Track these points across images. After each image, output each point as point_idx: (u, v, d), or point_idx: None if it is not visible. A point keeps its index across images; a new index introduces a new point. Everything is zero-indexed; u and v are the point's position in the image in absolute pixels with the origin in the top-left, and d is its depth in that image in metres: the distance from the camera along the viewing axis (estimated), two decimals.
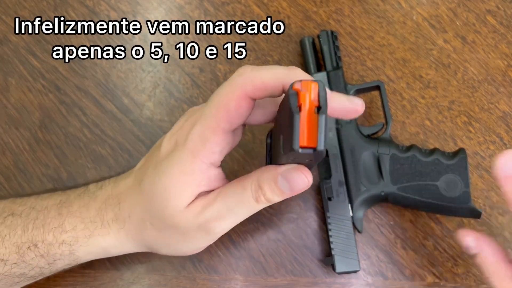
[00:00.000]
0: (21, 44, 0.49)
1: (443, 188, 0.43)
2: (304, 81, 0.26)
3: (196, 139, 0.31)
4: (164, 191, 0.32)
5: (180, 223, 0.32)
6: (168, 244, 0.35)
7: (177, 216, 0.32)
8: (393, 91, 0.49)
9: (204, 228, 0.32)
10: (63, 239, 0.35)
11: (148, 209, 0.34)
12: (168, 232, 0.34)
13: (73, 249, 0.35)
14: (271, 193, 0.30)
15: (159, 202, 0.33)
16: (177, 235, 0.34)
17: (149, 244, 0.36)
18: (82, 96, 0.48)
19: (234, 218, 0.32)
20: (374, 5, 0.51)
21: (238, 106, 0.30)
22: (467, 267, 0.45)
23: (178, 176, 0.32)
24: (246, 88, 0.29)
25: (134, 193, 0.35)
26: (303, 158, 0.27)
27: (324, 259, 0.44)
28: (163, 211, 0.33)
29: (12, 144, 0.47)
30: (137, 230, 0.35)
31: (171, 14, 0.51)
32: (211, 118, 0.31)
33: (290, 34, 0.50)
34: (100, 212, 0.35)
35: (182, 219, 0.32)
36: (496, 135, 0.48)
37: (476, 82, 0.49)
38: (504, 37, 0.51)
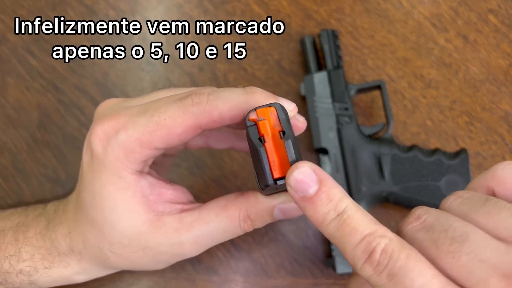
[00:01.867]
0: (19, 43, 0.49)
1: (444, 189, 0.42)
2: (259, 108, 0.24)
3: (118, 151, 0.27)
4: (112, 213, 0.29)
5: (148, 243, 0.29)
6: (136, 267, 0.33)
7: (143, 236, 0.29)
8: (394, 91, 0.49)
9: (179, 250, 0.30)
10: (20, 268, 0.32)
11: (102, 238, 0.30)
12: (135, 256, 0.30)
13: (33, 279, 0.33)
14: (262, 223, 0.30)
15: (113, 227, 0.29)
16: (145, 258, 0.30)
17: (112, 267, 0.33)
18: (81, 95, 0.48)
19: (211, 243, 0.31)
20: (375, 4, 0.51)
21: (183, 133, 0.27)
22: None
23: (116, 193, 0.28)
24: (200, 120, 0.26)
25: (80, 221, 0.31)
26: (283, 187, 0.25)
27: (324, 260, 0.44)
28: (123, 234, 0.29)
29: (10, 143, 0.47)
30: (98, 260, 0.32)
31: (171, 13, 0.50)
32: (143, 132, 0.27)
33: (290, 33, 0.50)
34: (54, 243, 0.32)
35: (151, 239, 0.29)
36: (498, 135, 0.48)
37: (477, 81, 0.49)
38: (505, 36, 0.50)
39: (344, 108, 0.45)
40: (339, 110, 0.45)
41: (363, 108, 0.48)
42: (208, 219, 0.29)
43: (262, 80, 0.48)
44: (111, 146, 0.27)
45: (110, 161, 0.27)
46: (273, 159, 0.24)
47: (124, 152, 0.27)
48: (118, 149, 0.27)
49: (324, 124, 0.44)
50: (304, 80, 0.46)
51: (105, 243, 0.30)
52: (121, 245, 0.30)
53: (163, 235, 0.29)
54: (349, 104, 0.45)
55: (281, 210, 0.28)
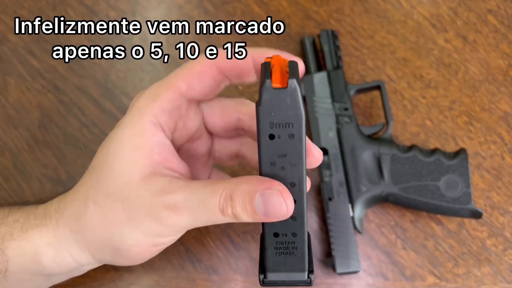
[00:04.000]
0: (20, 43, 0.49)
1: (443, 188, 0.43)
2: (275, 55, 0.26)
3: (146, 96, 0.29)
4: (115, 158, 0.28)
5: (130, 197, 0.28)
6: (108, 233, 0.29)
7: (128, 187, 0.28)
8: (393, 91, 0.49)
9: (155, 214, 0.27)
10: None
11: (95, 183, 0.29)
12: (114, 210, 0.28)
13: (5, 244, 0.31)
14: (242, 210, 0.26)
15: (109, 171, 0.29)
16: (123, 215, 0.28)
17: (85, 236, 0.30)
18: (81, 95, 0.48)
19: (191, 219, 0.27)
20: (375, 4, 0.51)
21: (202, 70, 0.28)
22: (468, 268, 0.44)
23: (127, 138, 0.28)
24: (218, 60, 0.29)
25: (85, 174, 0.31)
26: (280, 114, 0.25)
27: (324, 259, 0.44)
28: (113, 181, 0.28)
29: (11, 144, 0.47)
30: (77, 215, 0.30)
31: (171, 13, 0.50)
32: (168, 77, 0.29)
33: (290, 33, 0.50)
34: (47, 205, 0.32)
35: (133, 192, 0.28)
36: (497, 135, 0.48)
37: (477, 81, 0.49)
38: (505, 36, 0.51)
39: (343, 108, 0.45)
40: (339, 110, 0.45)
41: (362, 108, 0.48)
42: (193, 188, 0.27)
43: None
44: (143, 94, 0.29)
45: (137, 106, 0.29)
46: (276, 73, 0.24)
47: (152, 96, 0.29)
48: (147, 94, 0.29)
49: (324, 124, 0.45)
50: (304, 80, 0.46)
51: (94, 190, 0.29)
52: (106, 194, 0.29)
53: (147, 190, 0.28)
54: (348, 104, 0.45)
55: (263, 196, 0.25)
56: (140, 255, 0.30)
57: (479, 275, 0.44)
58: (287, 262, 0.28)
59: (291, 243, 0.28)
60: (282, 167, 0.26)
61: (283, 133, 0.25)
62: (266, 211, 0.25)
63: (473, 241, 0.45)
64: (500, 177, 0.47)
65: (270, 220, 0.26)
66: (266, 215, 0.25)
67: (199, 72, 0.29)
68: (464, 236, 0.45)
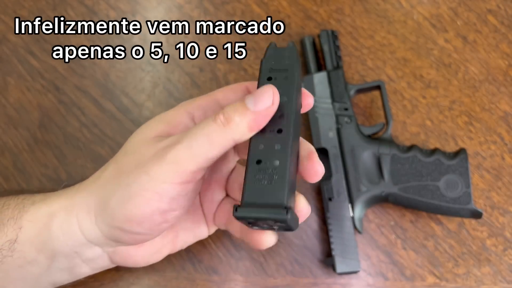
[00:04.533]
0: (20, 43, 0.49)
1: (443, 188, 0.43)
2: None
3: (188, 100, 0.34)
4: (143, 127, 0.33)
5: (140, 149, 0.30)
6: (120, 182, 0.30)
7: (140, 143, 0.31)
8: (393, 91, 0.49)
9: (158, 154, 0.29)
10: (23, 201, 0.32)
11: (120, 150, 0.32)
12: (126, 162, 0.31)
13: (24, 209, 0.32)
14: (233, 110, 0.27)
15: (132, 137, 0.32)
16: (132, 164, 0.30)
17: (99, 192, 0.31)
18: (81, 96, 0.48)
19: (189, 141, 0.28)
20: (375, 4, 0.51)
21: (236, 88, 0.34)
22: (468, 268, 0.44)
23: (161, 116, 0.33)
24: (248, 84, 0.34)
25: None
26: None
27: (324, 259, 0.44)
28: (131, 141, 0.32)
29: (11, 144, 0.47)
30: (96, 177, 0.32)
31: (171, 13, 0.50)
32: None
33: (290, 33, 0.50)
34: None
35: (144, 145, 0.31)
36: (497, 135, 0.48)
37: (477, 82, 0.49)
38: (505, 36, 0.51)
39: (343, 108, 0.45)
40: (339, 110, 0.45)
41: (362, 108, 0.48)
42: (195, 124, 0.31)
43: None
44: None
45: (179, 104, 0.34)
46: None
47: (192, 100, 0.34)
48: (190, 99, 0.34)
49: (324, 124, 0.45)
50: (304, 80, 0.46)
51: (116, 155, 0.32)
52: (124, 153, 0.32)
53: (155, 141, 0.30)
54: (348, 104, 0.45)
55: (253, 94, 0.28)
56: (143, 210, 0.29)
57: (479, 275, 0.44)
58: (265, 193, 0.27)
59: (272, 172, 0.27)
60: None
61: (279, 76, 0.30)
62: (255, 100, 0.27)
63: (473, 241, 0.45)
64: (500, 177, 0.47)
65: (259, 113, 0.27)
66: (255, 104, 0.27)
67: (233, 88, 0.33)
68: (464, 236, 0.45)
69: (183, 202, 0.30)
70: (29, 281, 0.33)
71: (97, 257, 0.33)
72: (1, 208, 0.32)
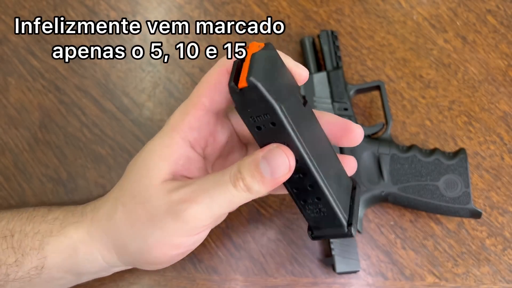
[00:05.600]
0: (20, 44, 0.49)
1: (443, 188, 0.43)
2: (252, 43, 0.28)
3: (177, 114, 0.31)
4: (142, 164, 0.31)
5: (151, 198, 0.30)
6: (131, 233, 0.31)
7: (149, 189, 0.30)
8: (393, 91, 0.49)
9: (173, 210, 0.29)
10: (39, 229, 0.34)
11: (123, 186, 0.32)
12: (137, 211, 0.31)
13: (44, 241, 0.33)
14: (251, 178, 0.27)
15: (135, 175, 0.31)
16: (144, 215, 0.30)
17: (113, 237, 0.32)
18: (82, 96, 0.48)
19: (209, 203, 0.28)
20: (374, 4, 0.51)
21: (218, 80, 0.29)
22: (467, 267, 0.45)
23: (156, 148, 0.31)
24: (227, 64, 0.29)
25: (120, 179, 0.34)
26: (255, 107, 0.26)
27: (324, 259, 0.44)
28: (137, 184, 0.31)
29: (12, 144, 0.47)
30: (108, 216, 0.32)
31: (171, 13, 0.50)
32: (192, 95, 0.31)
33: (290, 34, 0.50)
34: (86, 205, 0.35)
35: (154, 193, 0.30)
36: (497, 135, 0.48)
37: (476, 82, 0.49)
38: (504, 37, 0.51)
39: (343, 108, 0.45)
40: (339, 110, 0.45)
41: (362, 108, 0.49)
42: (205, 177, 0.30)
43: None
44: (175, 112, 0.31)
45: (169, 123, 0.31)
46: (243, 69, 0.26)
47: (181, 114, 0.30)
48: (178, 111, 0.31)
49: None
50: None
51: (121, 192, 0.32)
52: (131, 197, 0.31)
53: (165, 190, 0.30)
54: (348, 104, 0.45)
55: (265, 157, 0.27)
56: (161, 258, 0.31)
57: (479, 275, 0.44)
58: (323, 221, 0.30)
59: (319, 206, 0.30)
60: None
61: (266, 123, 0.27)
62: (271, 169, 0.27)
63: (473, 240, 0.45)
64: (499, 177, 0.47)
65: (278, 179, 0.27)
66: (272, 174, 0.27)
67: (215, 83, 0.30)
68: (464, 236, 0.45)
69: (199, 243, 0.32)
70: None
71: (118, 267, 0.36)
72: (19, 236, 0.34)
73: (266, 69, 0.26)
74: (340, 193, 0.30)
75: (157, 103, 0.48)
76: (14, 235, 0.34)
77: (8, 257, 0.33)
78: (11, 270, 0.33)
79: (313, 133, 0.29)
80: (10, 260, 0.33)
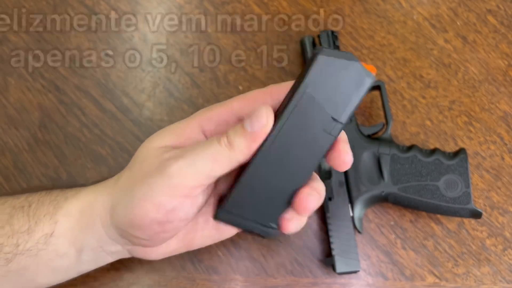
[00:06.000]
0: (20, 43, 0.49)
1: (443, 188, 0.43)
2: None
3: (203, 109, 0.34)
4: (153, 137, 0.33)
5: (147, 158, 0.32)
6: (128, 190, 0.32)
7: (149, 151, 0.32)
8: (393, 91, 0.49)
9: (161, 166, 0.30)
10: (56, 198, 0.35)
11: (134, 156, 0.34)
12: (135, 171, 0.32)
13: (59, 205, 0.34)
14: (233, 132, 0.29)
15: (144, 144, 0.33)
16: (139, 174, 0.32)
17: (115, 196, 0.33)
18: (82, 96, 0.48)
19: (193, 158, 0.29)
20: (375, 4, 0.51)
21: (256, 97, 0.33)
22: (468, 268, 0.44)
23: (172, 127, 0.33)
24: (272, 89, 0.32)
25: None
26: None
27: (324, 259, 0.44)
28: (142, 149, 0.33)
29: (12, 144, 0.47)
30: (116, 179, 0.34)
31: (171, 13, 0.50)
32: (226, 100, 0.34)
33: (290, 34, 0.50)
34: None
35: (151, 154, 0.32)
36: (497, 135, 0.48)
37: (476, 82, 0.49)
38: (504, 36, 0.51)
39: None
40: None
41: (362, 108, 0.49)
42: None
43: (262, 80, 0.49)
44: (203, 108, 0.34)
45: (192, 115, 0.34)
46: None
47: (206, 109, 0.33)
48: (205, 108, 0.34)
49: None
50: None
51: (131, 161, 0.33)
52: (134, 159, 0.33)
53: (162, 151, 0.31)
54: None
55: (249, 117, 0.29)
56: (142, 219, 0.31)
57: (479, 275, 0.44)
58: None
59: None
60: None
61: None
62: (251, 123, 0.28)
63: (473, 241, 0.45)
64: (499, 177, 0.47)
65: (257, 133, 0.28)
66: (252, 126, 0.28)
67: (252, 98, 0.32)
68: (464, 236, 0.45)
69: (181, 215, 0.31)
70: (59, 273, 0.35)
71: (119, 251, 0.35)
72: (36, 205, 0.35)
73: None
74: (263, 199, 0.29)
75: (157, 103, 0.48)
76: (31, 205, 0.35)
77: (22, 225, 0.34)
78: (21, 240, 0.34)
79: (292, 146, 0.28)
80: (23, 228, 0.34)
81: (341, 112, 0.26)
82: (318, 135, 0.27)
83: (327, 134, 0.27)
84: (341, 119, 0.26)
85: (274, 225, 0.28)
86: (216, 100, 0.48)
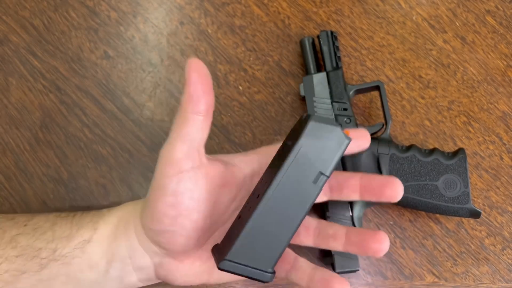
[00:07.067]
0: (21, 44, 0.49)
1: (442, 188, 0.43)
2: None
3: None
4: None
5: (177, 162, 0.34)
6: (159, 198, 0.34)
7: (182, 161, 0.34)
8: (392, 91, 0.49)
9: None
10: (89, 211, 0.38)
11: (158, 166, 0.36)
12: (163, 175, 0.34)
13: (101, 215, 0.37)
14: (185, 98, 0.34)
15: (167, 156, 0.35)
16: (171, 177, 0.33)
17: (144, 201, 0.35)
18: (83, 96, 0.48)
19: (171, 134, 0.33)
20: (374, 5, 0.51)
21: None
22: (467, 267, 0.45)
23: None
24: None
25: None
26: None
27: (323, 258, 0.44)
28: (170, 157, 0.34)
29: (13, 144, 0.47)
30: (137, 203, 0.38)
31: (171, 14, 0.51)
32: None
33: (290, 34, 0.50)
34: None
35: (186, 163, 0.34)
36: (496, 135, 0.48)
37: (475, 82, 0.50)
38: (503, 37, 0.51)
39: (343, 108, 0.45)
40: (338, 111, 0.45)
41: (362, 109, 0.49)
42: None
43: (262, 80, 0.49)
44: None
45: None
46: None
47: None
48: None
49: None
50: (303, 80, 0.46)
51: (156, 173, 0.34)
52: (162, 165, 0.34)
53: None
54: (348, 104, 0.45)
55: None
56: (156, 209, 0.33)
57: (478, 274, 0.45)
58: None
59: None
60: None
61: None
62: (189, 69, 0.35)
63: (472, 240, 0.45)
64: (498, 177, 0.47)
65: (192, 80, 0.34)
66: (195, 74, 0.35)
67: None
68: (463, 235, 0.45)
69: (186, 191, 0.33)
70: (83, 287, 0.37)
71: (146, 267, 0.36)
72: (81, 215, 0.38)
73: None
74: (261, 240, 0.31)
75: (157, 103, 0.48)
76: (76, 215, 0.38)
77: (64, 231, 0.36)
78: (60, 245, 0.35)
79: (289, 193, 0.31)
80: (64, 233, 0.36)
81: (327, 166, 0.31)
82: (308, 186, 0.31)
83: (315, 185, 0.31)
84: (327, 173, 0.31)
85: (271, 269, 0.31)
86: (216, 100, 0.48)
